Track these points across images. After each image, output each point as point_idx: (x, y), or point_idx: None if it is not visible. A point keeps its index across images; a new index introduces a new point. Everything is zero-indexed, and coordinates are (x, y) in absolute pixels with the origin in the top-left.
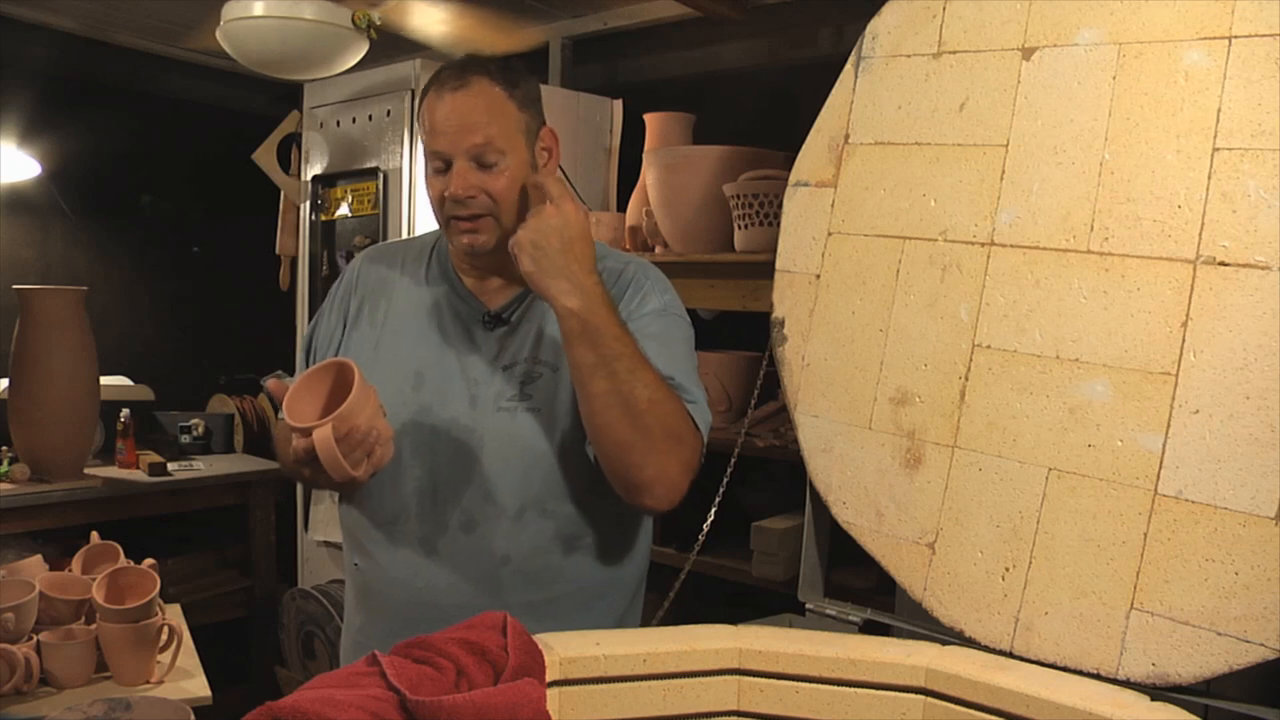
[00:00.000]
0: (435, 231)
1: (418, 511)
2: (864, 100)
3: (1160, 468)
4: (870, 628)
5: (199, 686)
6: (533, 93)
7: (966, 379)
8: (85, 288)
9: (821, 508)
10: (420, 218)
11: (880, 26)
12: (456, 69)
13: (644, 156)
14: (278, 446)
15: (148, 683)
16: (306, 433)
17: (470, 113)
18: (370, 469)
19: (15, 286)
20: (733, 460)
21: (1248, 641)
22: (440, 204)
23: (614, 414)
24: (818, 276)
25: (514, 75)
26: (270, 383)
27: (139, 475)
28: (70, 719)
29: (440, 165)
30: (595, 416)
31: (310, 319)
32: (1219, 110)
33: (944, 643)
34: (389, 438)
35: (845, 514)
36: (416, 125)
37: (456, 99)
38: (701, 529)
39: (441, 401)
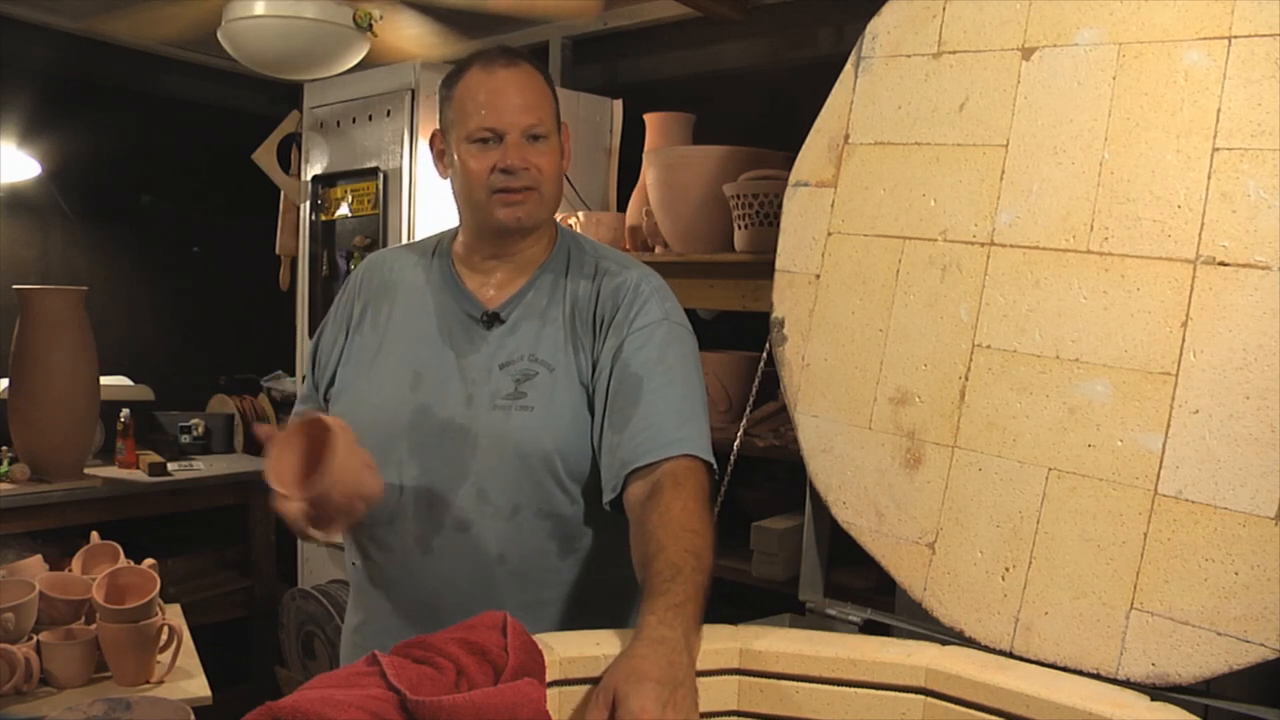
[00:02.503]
0: (437, 235)
1: (414, 511)
2: (864, 100)
3: (1160, 468)
4: (870, 628)
5: (199, 686)
6: (555, 88)
7: (966, 379)
8: (85, 288)
9: (821, 508)
10: (420, 218)
11: (880, 26)
12: (500, 52)
13: (644, 156)
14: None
15: (148, 683)
16: (284, 497)
17: (524, 90)
18: (344, 527)
19: (15, 286)
20: (732, 460)
21: (1248, 641)
22: (485, 176)
23: None
24: (818, 276)
25: (545, 69)
26: (262, 430)
27: (139, 475)
28: (70, 719)
29: (489, 139)
30: None
31: (310, 319)
32: (1219, 110)
33: (944, 643)
34: (372, 494)
35: (845, 514)
36: (447, 107)
37: (510, 75)
38: None
39: (439, 401)
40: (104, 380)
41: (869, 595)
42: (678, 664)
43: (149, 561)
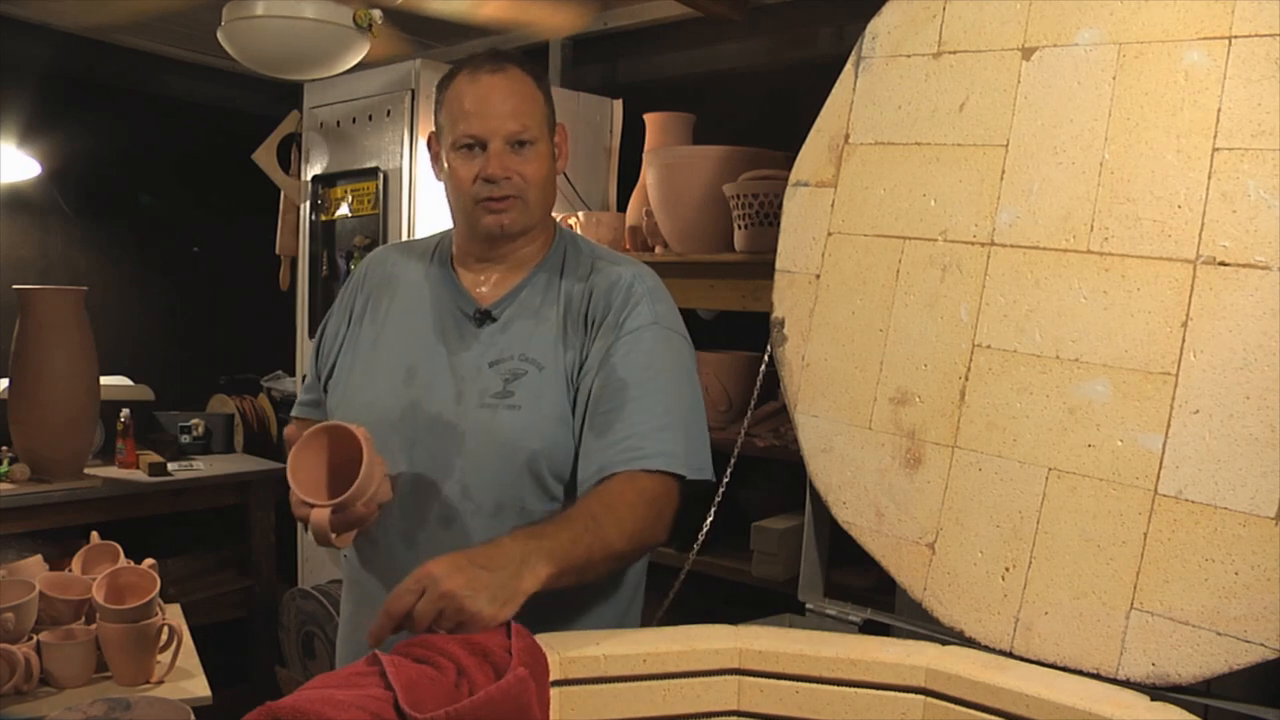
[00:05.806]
0: (439, 233)
1: (400, 505)
2: (864, 100)
3: (1160, 468)
4: (870, 628)
5: (199, 686)
6: (549, 89)
7: (966, 379)
8: (85, 288)
9: (821, 508)
10: (420, 217)
11: (880, 26)
12: (488, 56)
13: (644, 156)
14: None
15: (148, 683)
16: (307, 505)
17: (508, 97)
18: (360, 534)
19: (15, 286)
20: (732, 460)
21: (1248, 641)
22: (469, 185)
23: (605, 568)
24: (818, 276)
25: (539, 69)
26: (289, 430)
27: (139, 475)
28: (70, 719)
29: (472, 146)
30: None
31: (310, 319)
32: (1219, 110)
33: (944, 643)
34: (386, 500)
35: (845, 514)
36: (439, 112)
37: (495, 82)
38: (701, 529)
39: (429, 396)
40: (104, 380)
41: (869, 595)
42: (496, 557)
43: (149, 561)
